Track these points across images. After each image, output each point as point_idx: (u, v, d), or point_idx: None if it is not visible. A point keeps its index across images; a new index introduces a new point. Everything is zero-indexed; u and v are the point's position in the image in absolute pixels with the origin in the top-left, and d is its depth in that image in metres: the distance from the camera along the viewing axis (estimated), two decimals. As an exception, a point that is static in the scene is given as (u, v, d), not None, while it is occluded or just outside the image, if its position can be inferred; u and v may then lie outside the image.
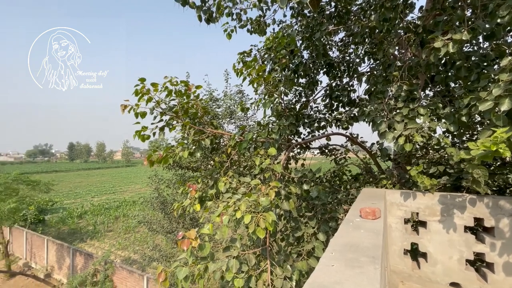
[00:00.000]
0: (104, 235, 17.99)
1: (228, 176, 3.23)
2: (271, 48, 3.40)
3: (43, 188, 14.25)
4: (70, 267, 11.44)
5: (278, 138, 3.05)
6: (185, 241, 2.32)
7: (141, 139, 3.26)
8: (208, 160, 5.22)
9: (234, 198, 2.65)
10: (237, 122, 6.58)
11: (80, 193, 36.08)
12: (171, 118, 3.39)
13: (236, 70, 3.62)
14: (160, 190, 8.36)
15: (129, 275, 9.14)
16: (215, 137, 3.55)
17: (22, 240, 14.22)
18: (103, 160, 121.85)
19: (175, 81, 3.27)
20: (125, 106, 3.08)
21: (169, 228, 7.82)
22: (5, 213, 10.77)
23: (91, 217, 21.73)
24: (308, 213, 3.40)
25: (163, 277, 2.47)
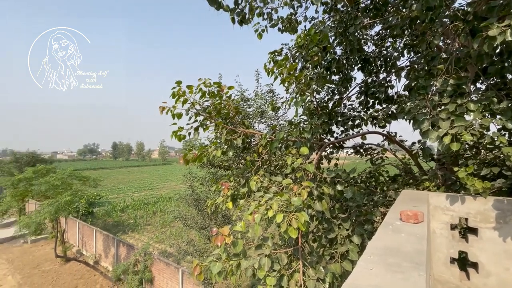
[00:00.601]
0: (143, 229, 19.29)
1: (259, 175, 3.26)
2: (303, 46, 3.35)
3: (92, 184, 15.77)
4: (115, 256, 12.46)
5: (310, 137, 2.99)
6: (219, 237, 2.40)
7: (177, 139, 3.43)
8: (239, 159, 5.32)
9: (265, 197, 2.67)
10: (268, 122, 6.59)
11: (122, 189, 39.11)
12: (205, 118, 3.52)
13: (267, 69, 3.63)
14: (194, 188, 8.74)
15: (166, 267, 9.69)
16: (247, 136, 3.61)
17: (75, 230, 15.86)
18: (142, 158, 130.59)
19: (209, 83, 3.39)
20: (163, 108, 3.27)
21: (203, 224, 8.14)
22: (62, 205, 12.15)
23: (132, 211, 23.44)
24: (341, 214, 3.29)
25: (198, 271, 2.58)
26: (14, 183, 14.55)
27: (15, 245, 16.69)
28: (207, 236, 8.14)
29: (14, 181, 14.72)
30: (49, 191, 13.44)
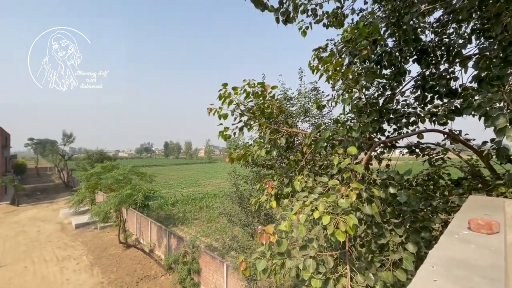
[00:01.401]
0: (191, 222, 20.60)
1: (303, 175, 3.22)
2: (350, 40, 3.18)
3: (148, 179, 17.44)
4: (167, 246, 13.58)
5: (358, 136, 2.83)
6: (264, 235, 2.44)
7: (223, 138, 3.58)
8: (282, 159, 5.31)
9: (310, 198, 2.62)
10: (312, 120, 6.43)
11: (173, 185, 42.31)
12: (249, 118, 3.60)
13: (311, 67, 3.55)
14: (238, 185, 9.03)
15: (212, 260, 10.19)
16: (290, 135, 3.58)
17: (134, 220, 17.73)
18: (190, 156, 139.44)
19: (253, 83, 3.45)
20: (211, 110, 3.44)
21: (246, 221, 8.36)
22: (124, 197, 13.73)
23: (181, 206, 25.21)
24: (394, 219, 3.05)
25: (244, 267, 2.66)
26: (87, 177, 16.90)
27: (88, 230, 19.41)
28: (250, 234, 8.32)
29: (87, 175, 17.11)
30: (113, 185, 15.30)
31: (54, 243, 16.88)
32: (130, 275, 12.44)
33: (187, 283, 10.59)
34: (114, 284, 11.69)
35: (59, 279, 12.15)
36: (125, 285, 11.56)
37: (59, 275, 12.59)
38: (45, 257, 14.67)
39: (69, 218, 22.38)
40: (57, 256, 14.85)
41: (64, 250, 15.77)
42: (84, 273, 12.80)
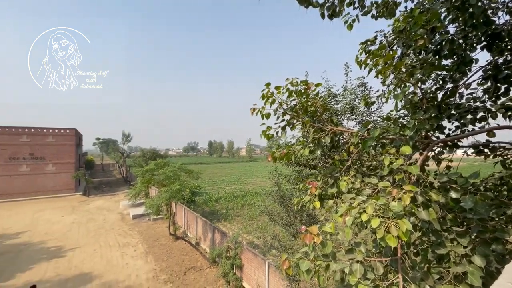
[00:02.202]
0: (233, 219, 21.28)
1: (350, 175, 3.07)
2: (403, 30, 2.93)
3: (195, 176, 18.57)
4: (211, 240, 14.27)
5: (413, 135, 2.59)
6: (308, 236, 2.40)
7: (266, 138, 3.62)
8: (326, 158, 5.14)
9: (358, 200, 2.49)
10: (359, 118, 6.08)
11: (216, 182, 44.20)
12: (292, 117, 3.57)
13: (358, 61, 3.37)
14: (279, 185, 9.02)
15: (253, 257, 10.39)
16: (335, 134, 3.45)
17: (182, 214, 19.03)
18: (232, 155, 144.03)
19: (296, 82, 3.42)
20: (253, 109, 3.51)
21: (288, 221, 8.30)
22: (174, 192, 14.87)
23: (224, 202, 26.21)
24: (456, 228, 2.72)
25: (287, 265, 2.66)
26: (142, 173, 18.69)
27: (143, 221, 21.48)
28: (292, 233, 8.25)
29: (142, 171, 18.92)
30: (165, 180, 16.65)
31: (116, 231, 19.09)
32: (179, 265, 13.41)
33: (230, 277, 10.98)
34: (165, 272, 12.73)
35: (120, 263, 13.70)
36: (174, 274, 12.50)
37: (120, 259, 14.20)
38: (109, 243, 16.68)
39: (127, 209, 25.08)
40: (119, 242, 16.76)
41: (124, 237, 17.73)
42: (140, 259, 14.20)
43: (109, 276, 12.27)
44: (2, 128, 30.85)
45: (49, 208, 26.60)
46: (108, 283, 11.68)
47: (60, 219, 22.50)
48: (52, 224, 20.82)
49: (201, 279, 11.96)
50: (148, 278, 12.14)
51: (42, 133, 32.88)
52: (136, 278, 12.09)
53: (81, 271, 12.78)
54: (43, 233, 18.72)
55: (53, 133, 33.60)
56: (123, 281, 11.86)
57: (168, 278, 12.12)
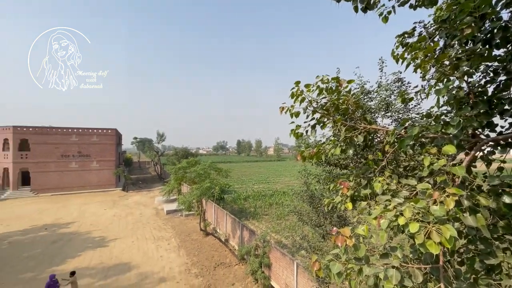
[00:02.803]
0: (261, 218, 21.39)
1: (385, 176, 2.92)
2: (447, 20, 2.69)
3: (224, 174, 19.01)
4: (240, 237, 14.50)
5: (458, 133, 2.38)
6: (340, 238, 2.33)
7: (295, 136, 3.57)
8: (358, 158, 4.93)
9: (394, 202, 2.36)
10: (395, 116, 5.72)
11: (245, 180, 44.75)
12: (322, 115, 3.48)
13: (395, 56, 3.17)
14: (309, 184, 8.87)
15: (282, 257, 10.35)
16: (369, 133, 3.30)
17: (212, 211, 19.61)
18: (260, 154, 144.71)
19: (326, 79, 3.33)
20: (283, 108, 3.48)
21: (317, 221, 8.14)
22: (204, 190, 15.39)
23: (252, 201, 26.45)
24: (510, 236, 2.44)
25: (317, 267, 2.60)
26: (175, 171, 19.59)
27: (176, 216, 22.55)
28: (321, 234, 8.07)
29: (175, 169, 19.84)
30: (196, 178, 17.29)
31: (151, 225, 20.30)
32: (209, 260, 13.85)
33: (258, 275, 11.06)
34: (196, 266, 13.23)
35: (155, 255, 14.54)
36: (204, 268, 12.94)
37: (155, 252, 15.07)
38: (145, 236, 17.79)
39: (162, 204, 26.51)
40: (154, 235, 17.79)
41: (158, 231, 18.77)
42: (173, 252, 14.93)
43: (145, 267, 13.10)
44: (56, 129, 34.49)
45: (94, 201, 29.14)
46: (144, 273, 12.47)
47: (103, 212, 24.52)
48: (96, 217, 22.79)
49: (230, 275, 12.22)
50: (181, 271, 12.72)
51: (88, 133, 36.13)
52: (169, 271, 12.74)
53: (121, 261, 13.81)
54: (89, 224, 20.57)
55: (97, 133, 36.73)
56: (158, 272, 12.58)
57: (199, 272, 12.59)
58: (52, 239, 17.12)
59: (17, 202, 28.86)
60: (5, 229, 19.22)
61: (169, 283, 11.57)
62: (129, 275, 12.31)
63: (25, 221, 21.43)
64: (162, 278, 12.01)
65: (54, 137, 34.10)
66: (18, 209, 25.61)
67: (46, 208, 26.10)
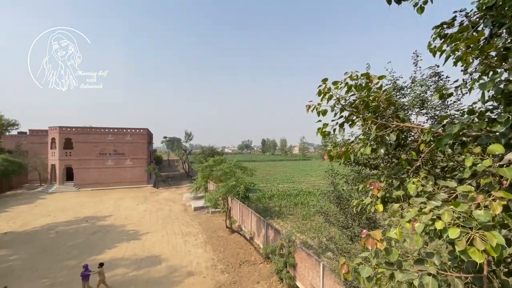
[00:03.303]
0: (286, 217, 21.24)
1: (420, 177, 2.74)
2: (493, 6, 2.45)
3: (249, 173, 19.20)
4: (264, 236, 14.55)
5: (506, 131, 2.16)
6: (370, 240, 2.24)
7: (322, 135, 3.49)
8: (390, 158, 4.67)
9: (430, 205, 2.21)
10: (431, 112, 5.33)
11: (269, 180, 44.74)
12: (351, 113, 3.36)
13: (431, 48, 2.96)
14: (336, 185, 8.61)
15: (307, 258, 10.20)
16: (402, 131, 3.12)
17: (237, 208, 19.90)
18: (284, 153, 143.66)
19: (355, 76, 3.21)
20: (309, 106, 3.42)
21: (345, 223, 7.88)
22: (230, 188, 15.68)
23: (277, 200, 26.37)
24: None
25: (346, 270, 2.52)
26: (202, 169, 20.21)
27: (203, 213, 23.24)
28: (349, 236, 7.80)
29: (202, 167, 20.48)
30: (222, 176, 17.69)
31: (180, 220, 21.14)
32: (234, 257, 14.09)
33: (283, 275, 11.01)
34: (222, 262, 13.54)
35: (184, 250, 15.13)
36: (230, 265, 13.19)
37: (184, 246, 15.68)
38: (174, 230, 18.57)
39: (189, 201, 27.48)
40: (182, 231, 18.52)
41: (186, 227, 19.50)
42: (200, 248, 15.42)
43: (174, 261, 13.69)
44: (95, 129, 37.31)
45: (128, 197, 31.06)
46: (173, 266, 13.03)
47: (136, 207, 26.04)
48: (130, 211, 24.27)
49: (255, 273, 12.32)
50: (207, 266, 13.10)
51: (122, 133, 38.57)
52: (197, 265, 13.18)
53: (152, 254, 14.57)
54: (123, 218, 21.98)
55: (130, 132, 39.07)
56: (186, 266, 13.08)
57: (225, 268, 12.86)
58: (92, 231, 18.57)
59: (62, 195, 31.74)
60: (53, 220, 21.25)
61: (196, 278, 11.97)
62: (159, 267, 12.96)
63: (69, 213, 23.50)
64: (190, 272, 12.46)
65: (93, 136, 36.89)
66: (63, 202, 28.16)
67: (87, 201, 28.38)
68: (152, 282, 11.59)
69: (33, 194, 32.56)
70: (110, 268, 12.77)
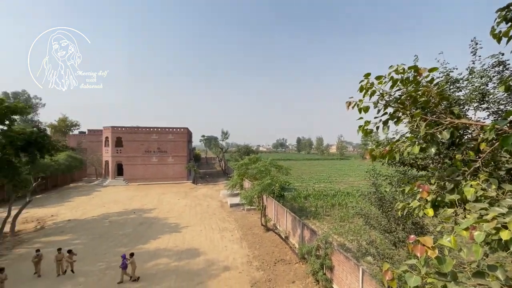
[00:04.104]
0: (323, 218, 20.65)
1: (479, 180, 2.44)
2: None
3: (284, 172, 19.12)
4: (300, 236, 14.34)
5: None
6: (419, 247, 2.07)
7: (363, 133, 3.31)
8: (441, 158, 4.23)
9: (493, 211, 1.97)
10: (493, 107, 4.69)
11: (305, 179, 43.92)
12: (396, 109, 3.13)
13: (495, 34, 2.61)
14: (378, 186, 8.09)
15: (346, 261, 9.79)
16: (457, 128, 2.81)
17: (272, 207, 19.95)
18: (321, 152, 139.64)
19: (402, 69, 2.97)
20: (349, 103, 3.26)
21: (387, 227, 7.36)
22: (265, 186, 15.80)
23: (313, 200, 25.76)
24: None
25: (390, 277, 2.37)
26: (238, 167, 20.67)
27: (238, 210, 23.77)
28: (392, 241, 7.29)
29: (238, 165, 20.95)
30: (257, 174, 17.89)
31: (217, 216, 21.92)
32: (269, 255, 14.15)
33: (320, 277, 10.75)
34: (257, 259, 13.71)
35: (220, 245, 15.67)
36: (265, 263, 13.29)
37: (220, 241, 16.24)
38: (212, 225, 19.33)
39: (226, 198, 28.32)
40: (219, 226, 19.18)
41: (223, 222, 20.15)
42: (236, 244, 15.81)
43: (211, 255, 14.26)
44: (141, 128, 40.61)
45: (169, 192, 33.19)
46: (211, 260, 13.59)
47: (177, 201, 27.70)
48: (171, 205, 25.92)
49: (290, 273, 12.23)
50: (243, 262, 13.38)
51: (165, 132, 41.32)
52: (233, 261, 13.55)
53: (191, 246, 15.38)
54: (166, 211, 23.55)
55: (172, 132, 41.66)
56: (223, 261, 13.53)
57: (260, 265, 13.00)
58: (139, 222, 20.26)
59: (114, 189, 35.20)
60: (107, 210, 23.71)
61: (232, 272, 12.32)
62: (198, 260, 13.62)
63: (119, 205, 25.97)
64: (226, 267, 12.86)
65: (140, 135, 40.17)
66: (115, 194, 31.22)
67: (134, 195, 31.05)
68: (192, 273, 12.23)
69: (90, 187, 36.73)
70: (155, 257, 13.82)
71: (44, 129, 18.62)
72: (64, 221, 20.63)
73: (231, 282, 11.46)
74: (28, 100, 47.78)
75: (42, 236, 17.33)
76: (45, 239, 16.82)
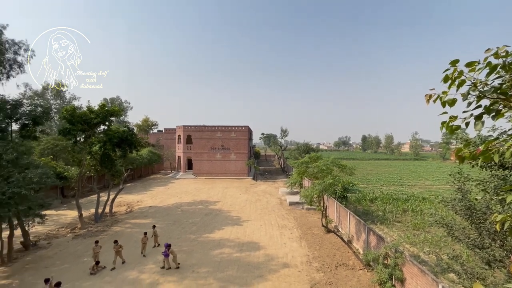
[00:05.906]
0: (392, 224, 18.67)
1: None
2: None
3: (348, 172, 17.99)
4: (365, 241, 13.31)
5: None
6: (528, 270, 1.68)
7: (448, 130, 2.85)
8: None
9: None
10: None
11: (371, 180, 40.46)
12: (494, 101, 2.59)
13: None
14: (466, 192, 6.79)
15: (420, 274, 8.63)
16: None
17: (334, 208, 19.06)
18: (390, 151, 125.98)
19: (504, 51, 2.44)
20: (430, 96, 2.85)
21: (478, 241, 6.13)
22: (326, 186, 15.20)
23: (381, 204, 23.52)
24: None
25: (484, 300, 2.00)
26: (298, 165, 20.41)
27: (297, 208, 23.55)
28: (485, 259, 6.06)
29: (298, 163, 20.68)
30: (318, 173, 17.34)
31: (276, 213, 22.20)
32: (330, 258, 13.59)
33: (388, 288, 9.78)
34: (317, 260, 13.33)
35: (280, 241, 15.82)
36: (326, 265, 12.82)
37: (279, 238, 16.40)
38: (271, 222, 19.68)
39: (285, 195, 28.40)
40: (278, 223, 19.39)
41: (282, 220, 20.28)
42: (295, 242, 15.71)
43: (271, 250, 14.53)
44: (207, 127, 44.22)
45: (231, 186, 35.20)
46: (270, 255, 13.86)
47: (239, 196, 29.18)
48: (234, 199, 27.45)
49: (353, 279, 11.49)
50: (302, 261, 13.21)
51: (228, 130, 43.97)
52: (292, 258, 13.52)
53: (252, 240, 15.98)
54: (229, 204, 25.07)
55: (234, 130, 44.02)
56: (282, 257, 13.64)
57: (320, 267, 12.61)
58: (205, 212, 22.15)
59: (185, 181, 39.37)
60: (179, 200, 26.72)
61: (291, 270, 12.30)
62: (258, 253, 14.07)
63: (189, 196, 28.92)
64: (286, 264, 12.92)
65: (206, 133, 43.78)
66: (185, 186, 34.89)
67: (201, 187, 34.06)
68: (252, 265, 12.73)
69: (166, 179, 42.02)
70: (219, 246, 14.89)
71: (132, 129, 22.15)
72: (147, 207, 24.17)
73: (290, 280, 11.47)
74: (121, 104, 57.43)
75: (131, 218, 20.75)
76: (134, 220, 20.07)
